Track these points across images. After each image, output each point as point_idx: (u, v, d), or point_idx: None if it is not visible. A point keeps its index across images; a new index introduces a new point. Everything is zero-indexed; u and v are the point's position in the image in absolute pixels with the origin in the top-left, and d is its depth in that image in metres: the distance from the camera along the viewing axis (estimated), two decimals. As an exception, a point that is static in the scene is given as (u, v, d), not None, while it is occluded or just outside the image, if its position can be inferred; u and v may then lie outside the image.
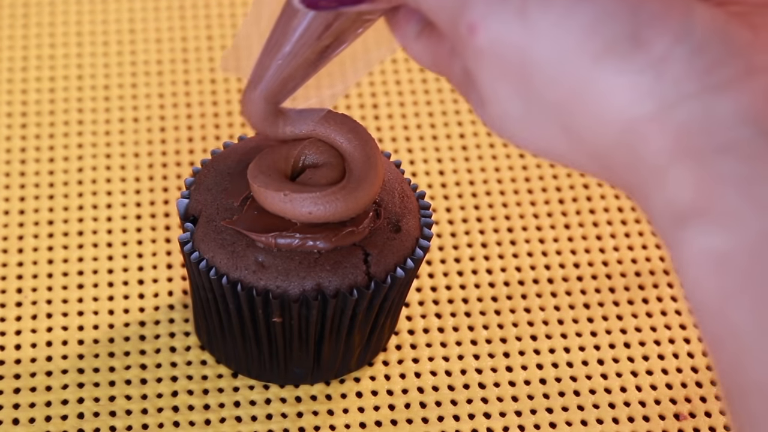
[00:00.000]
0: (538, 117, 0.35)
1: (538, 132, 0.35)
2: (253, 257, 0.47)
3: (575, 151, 0.35)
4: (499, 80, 0.35)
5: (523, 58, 0.34)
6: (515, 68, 0.34)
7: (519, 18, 0.33)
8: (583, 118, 0.33)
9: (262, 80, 0.43)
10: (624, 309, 0.56)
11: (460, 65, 0.37)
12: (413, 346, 0.55)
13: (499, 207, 0.60)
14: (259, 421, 0.52)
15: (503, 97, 0.35)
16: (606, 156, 0.34)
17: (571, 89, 0.33)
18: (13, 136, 0.62)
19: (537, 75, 0.34)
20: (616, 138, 0.33)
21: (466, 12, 0.34)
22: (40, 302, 0.55)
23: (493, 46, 0.34)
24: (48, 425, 0.51)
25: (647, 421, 0.52)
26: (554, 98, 0.34)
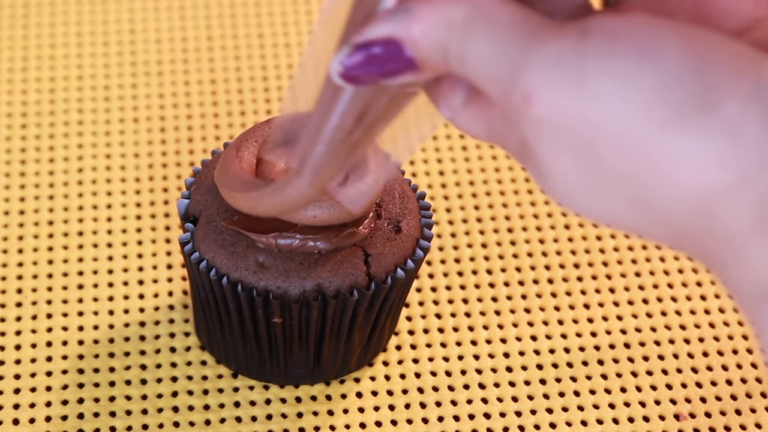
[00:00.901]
0: (603, 187, 0.32)
1: (605, 202, 0.32)
2: (254, 258, 0.47)
3: (646, 221, 0.32)
4: (559, 151, 0.32)
5: (584, 127, 0.31)
6: (576, 138, 0.31)
7: (578, 84, 0.31)
8: (653, 188, 0.31)
9: (306, 165, 0.41)
10: (624, 309, 0.56)
11: (516, 135, 0.35)
12: (413, 346, 0.55)
13: (499, 207, 0.60)
14: (259, 421, 0.52)
15: (565, 169, 0.32)
16: (680, 226, 0.31)
17: (639, 158, 0.31)
18: (13, 137, 0.62)
19: (601, 144, 0.31)
20: (691, 208, 0.31)
21: (521, 80, 0.32)
22: (40, 302, 0.55)
23: (552, 116, 0.32)
24: (48, 425, 0.51)
25: (647, 421, 0.52)
26: (621, 168, 0.31)
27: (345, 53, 0.35)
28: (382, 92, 0.37)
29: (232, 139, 0.62)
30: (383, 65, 0.35)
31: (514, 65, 0.32)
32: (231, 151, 0.48)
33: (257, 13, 0.68)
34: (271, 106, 0.64)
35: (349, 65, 0.35)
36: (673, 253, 0.58)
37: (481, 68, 0.33)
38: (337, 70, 0.35)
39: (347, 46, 0.35)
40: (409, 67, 0.34)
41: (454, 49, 0.33)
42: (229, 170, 0.47)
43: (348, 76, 0.35)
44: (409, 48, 0.34)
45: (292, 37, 0.67)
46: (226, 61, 0.66)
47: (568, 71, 0.31)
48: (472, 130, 0.37)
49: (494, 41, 0.32)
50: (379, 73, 0.35)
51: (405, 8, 0.34)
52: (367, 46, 0.35)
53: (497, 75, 0.32)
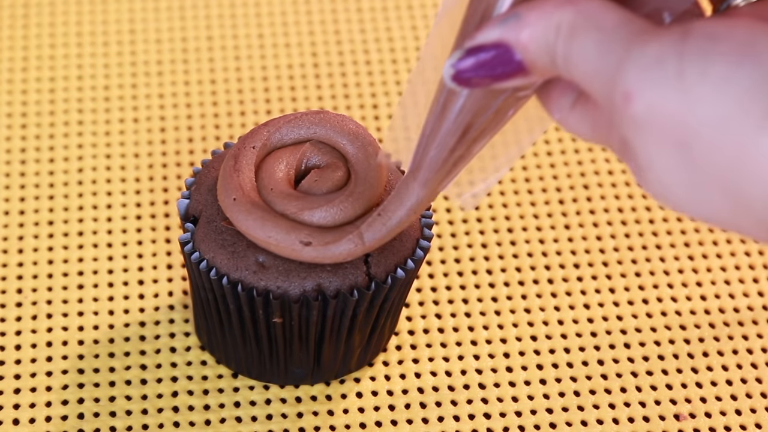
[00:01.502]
0: (700, 184, 0.33)
1: (701, 199, 0.33)
2: (254, 258, 0.47)
3: (741, 217, 0.33)
4: (657, 148, 0.33)
5: (682, 125, 0.32)
6: (674, 136, 0.33)
7: (676, 84, 0.32)
8: (749, 185, 0.32)
9: (422, 168, 0.42)
10: (624, 309, 0.56)
11: (617, 134, 0.36)
12: (413, 346, 0.55)
13: (499, 207, 0.60)
14: (259, 421, 0.52)
15: (663, 165, 0.34)
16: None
17: (736, 156, 0.32)
18: (13, 137, 0.62)
19: (698, 142, 0.32)
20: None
21: (621, 79, 0.33)
22: (41, 302, 0.55)
23: (650, 114, 0.33)
24: (48, 425, 0.51)
25: (647, 421, 0.52)
26: (717, 165, 0.32)
27: (457, 57, 0.37)
28: (493, 96, 0.38)
29: (232, 139, 0.62)
30: (494, 68, 0.36)
31: (616, 66, 0.33)
32: (229, 162, 0.48)
33: (257, 13, 0.68)
34: (271, 106, 0.64)
35: (461, 68, 0.37)
36: (672, 254, 0.58)
37: (586, 70, 0.34)
38: (449, 73, 0.37)
39: (459, 50, 0.37)
40: (518, 71, 0.36)
41: (561, 52, 0.35)
42: (235, 189, 0.48)
43: (460, 79, 0.37)
44: (519, 52, 0.36)
45: (292, 37, 0.67)
46: (226, 61, 0.66)
47: (667, 70, 0.32)
48: (579, 130, 0.38)
49: (599, 44, 0.34)
50: (490, 76, 0.36)
51: (515, 13, 0.35)
52: (479, 50, 0.36)
53: (601, 76, 0.34)
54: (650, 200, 0.60)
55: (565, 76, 0.35)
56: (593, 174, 0.61)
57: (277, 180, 0.48)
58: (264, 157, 0.49)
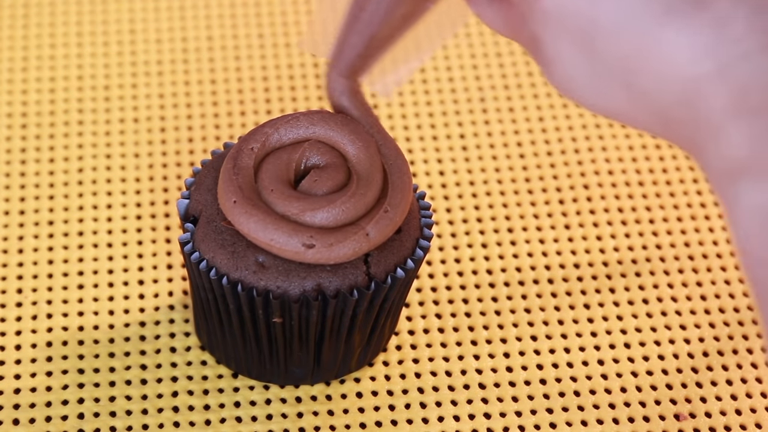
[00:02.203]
0: (601, 76, 0.35)
1: (602, 91, 0.36)
2: (254, 257, 0.47)
3: (637, 108, 0.35)
4: (563, 41, 0.36)
5: (587, 19, 0.34)
6: (579, 29, 0.35)
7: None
8: (645, 76, 0.34)
9: (341, 57, 0.44)
10: (624, 309, 0.56)
11: (528, 29, 0.38)
12: (413, 346, 0.55)
13: (499, 207, 0.60)
14: (260, 421, 0.52)
15: (568, 58, 0.36)
16: (666, 113, 0.35)
17: (634, 48, 0.34)
18: (13, 137, 0.62)
19: (601, 35, 0.34)
20: (677, 95, 0.34)
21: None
22: (41, 302, 0.55)
23: (558, 8, 0.35)
24: (48, 425, 0.51)
25: (647, 421, 0.52)
26: (617, 57, 0.34)
27: None
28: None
29: (232, 139, 0.62)
30: None
31: None
32: (228, 164, 0.48)
33: (257, 13, 0.68)
34: (271, 106, 0.64)
35: None
36: (673, 253, 0.58)
37: None
38: None
39: None
40: None
41: None
42: (235, 193, 0.48)
43: None
44: None
45: (292, 37, 0.67)
46: (227, 61, 0.66)
47: None
48: (494, 24, 0.40)
49: None
50: None
51: None
52: None
53: None
54: (650, 200, 0.60)
55: None
56: (593, 174, 0.61)
57: (277, 181, 0.48)
58: (263, 157, 0.49)
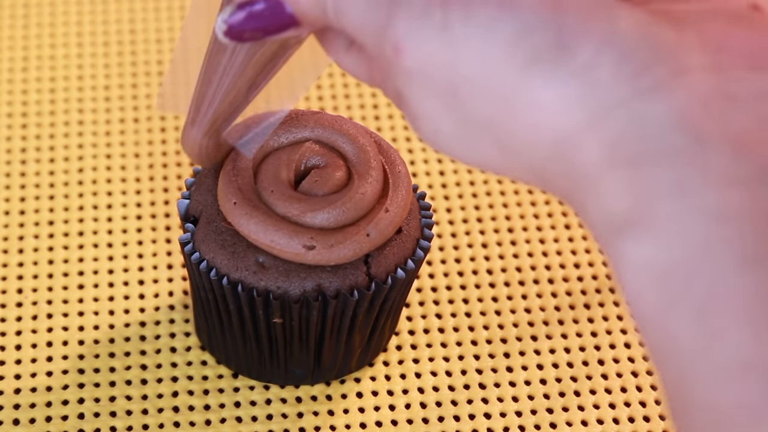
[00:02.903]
0: (470, 132, 0.34)
1: (472, 146, 0.34)
2: (254, 258, 0.47)
3: (510, 163, 0.34)
4: (428, 98, 0.34)
5: (449, 74, 0.33)
6: (443, 85, 0.34)
7: (442, 34, 0.33)
8: (514, 131, 0.33)
9: (199, 115, 0.44)
10: (624, 309, 0.56)
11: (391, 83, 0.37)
12: (414, 346, 0.55)
13: (499, 207, 0.60)
14: (260, 421, 0.52)
15: (433, 114, 0.35)
16: (541, 167, 0.33)
17: (500, 103, 0.33)
18: (13, 137, 0.62)
19: (464, 91, 0.33)
20: (550, 149, 0.32)
21: (390, 32, 0.34)
22: (41, 302, 0.55)
23: (419, 65, 0.34)
24: (48, 425, 0.51)
25: (648, 421, 0.52)
26: (484, 113, 0.33)
27: (228, 12, 0.37)
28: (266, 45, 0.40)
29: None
30: (265, 22, 0.37)
31: (384, 18, 0.34)
32: (228, 166, 0.49)
33: (257, 13, 0.68)
34: (271, 106, 0.64)
35: (233, 23, 0.38)
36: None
37: (356, 22, 0.35)
38: (221, 28, 0.38)
39: (230, 6, 0.37)
40: (289, 23, 0.37)
41: (331, 4, 0.35)
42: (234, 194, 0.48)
43: (232, 33, 0.38)
44: (290, 5, 0.37)
45: (293, 37, 0.67)
46: (227, 61, 0.66)
47: (434, 22, 0.33)
48: (355, 73, 0.39)
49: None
50: (262, 29, 0.37)
51: None
52: (249, 4, 0.37)
53: (370, 28, 0.35)
54: (650, 200, 0.60)
55: (337, 27, 0.36)
56: (593, 174, 0.61)
57: (277, 181, 0.48)
58: (263, 158, 0.49)
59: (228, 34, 0.38)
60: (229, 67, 0.41)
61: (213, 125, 0.44)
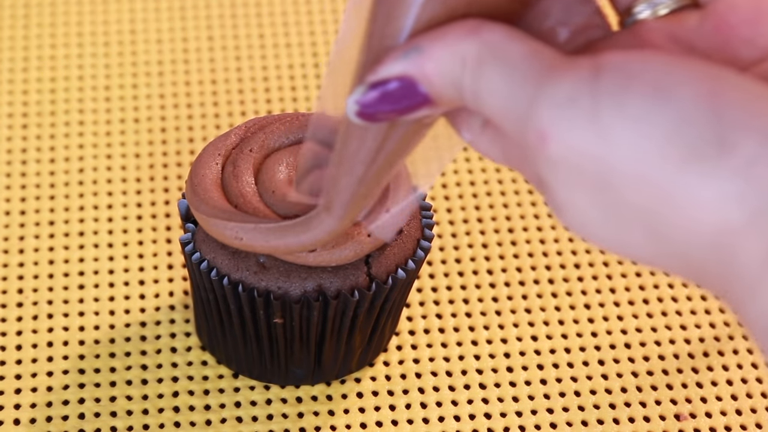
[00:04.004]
0: (621, 223, 0.32)
1: (622, 237, 0.33)
2: (255, 258, 0.48)
3: (662, 255, 0.32)
4: (575, 189, 0.32)
5: (600, 166, 0.31)
6: (592, 176, 0.32)
7: (592, 125, 0.31)
8: (670, 223, 0.31)
9: (335, 201, 0.41)
10: (625, 310, 0.56)
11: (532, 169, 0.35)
12: (414, 346, 0.55)
13: (499, 207, 0.60)
14: (260, 421, 0.52)
15: (581, 204, 0.33)
16: (696, 261, 0.32)
17: (656, 197, 0.31)
18: (14, 137, 0.62)
19: (617, 183, 0.31)
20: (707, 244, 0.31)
21: (533, 118, 0.32)
22: (41, 303, 0.55)
23: (566, 156, 0.32)
24: (49, 425, 0.51)
25: (648, 421, 0.52)
26: (637, 207, 0.31)
27: (360, 92, 0.35)
28: (400, 125, 0.37)
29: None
30: (398, 102, 0.35)
31: (527, 103, 0.32)
32: (228, 168, 0.48)
33: (258, 13, 0.68)
34: (271, 106, 0.64)
35: (365, 103, 0.35)
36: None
37: (496, 105, 0.33)
38: (353, 109, 0.35)
39: (362, 86, 0.35)
40: (424, 103, 0.34)
41: (468, 86, 0.33)
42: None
43: (364, 114, 0.35)
44: (424, 85, 0.34)
45: (293, 37, 0.67)
46: (227, 61, 0.66)
47: (582, 111, 0.31)
48: (490, 154, 0.37)
49: (507, 78, 0.32)
50: (395, 110, 0.35)
51: (416, 46, 0.34)
52: (382, 84, 0.35)
53: (511, 112, 0.33)
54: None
55: (475, 110, 0.34)
56: (594, 174, 0.61)
57: (278, 182, 0.48)
58: (263, 158, 0.49)
59: (360, 115, 0.35)
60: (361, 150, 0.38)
61: (348, 211, 0.42)
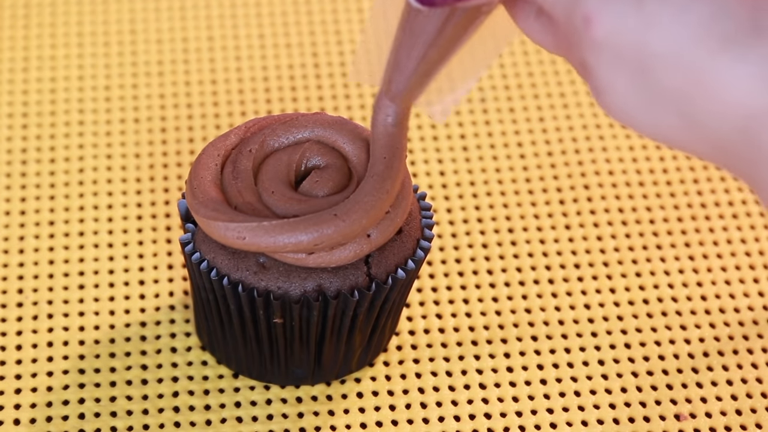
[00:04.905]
0: (656, 106, 0.35)
1: (658, 120, 0.35)
2: (255, 258, 0.47)
3: (695, 138, 0.35)
4: (616, 71, 0.35)
5: (640, 50, 0.34)
6: (632, 60, 0.34)
7: (635, 10, 0.34)
8: (703, 106, 0.34)
9: (393, 82, 0.43)
10: (625, 309, 0.56)
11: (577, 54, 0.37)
12: (414, 346, 0.55)
13: (499, 207, 0.60)
14: (260, 421, 0.52)
15: (620, 88, 0.35)
16: (727, 145, 0.34)
17: (691, 79, 0.33)
18: (14, 137, 0.62)
19: (655, 66, 0.34)
20: (737, 127, 0.33)
21: (581, 3, 0.34)
22: (41, 303, 0.55)
23: (609, 39, 0.34)
24: (49, 425, 0.51)
25: (648, 421, 0.52)
26: (673, 90, 0.34)
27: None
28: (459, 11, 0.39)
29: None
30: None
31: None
32: (228, 168, 0.48)
33: (258, 13, 0.68)
34: (271, 106, 0.64)
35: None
36: (673, 254, 0.58)
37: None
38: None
39: None
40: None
41: None
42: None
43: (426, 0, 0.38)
44: None
45: (293, 38, 0.67)
46: (227, 61, 0.66)
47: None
48: (542, 42, 0.39)
49: None
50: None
51: None
52: None
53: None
54: (651, 200, 0.60)
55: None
56: (593, 174, 0.61)
57: (277, 182, 0.48)
58: (263, 159, 0.49)
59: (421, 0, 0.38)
60: (421, 35, 0.41)
61: (405, 92, 0.44)
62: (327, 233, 0.45)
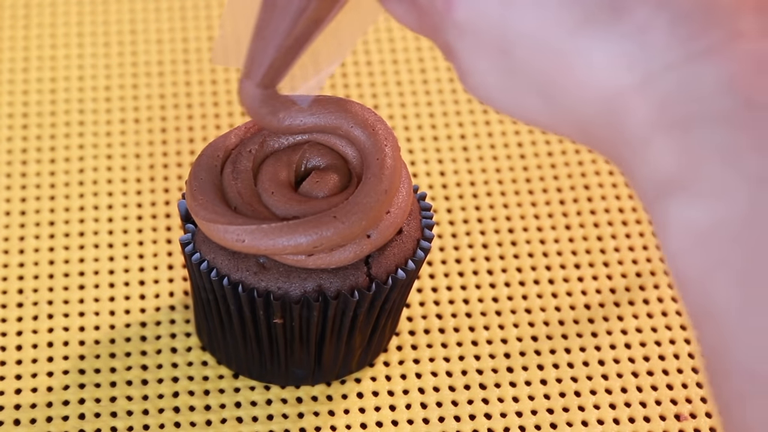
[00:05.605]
0: (519, 87, 0.34)
1: (521, 101, 0.35)
2: (254, 259, 0.47)
3: (557, 119, 0.34)
4: (477, 53, 0.34)
5: (501, 31, 0.33)
6: (493, 41, 0.34)
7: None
8: (564, 87, 0.33)
9: (254, 66, 0.43)
10: (625, 309, 0.56)
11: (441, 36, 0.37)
12: (414, 346, 0.55)
13: (499, 207, 0.60)
14: (260, 421, 0.52)
15: (483, 69, 0.35)
16: (588, 125, 0.33)
17: (552, 60, 0.33)
18: (14, 137, 0.62)
19: (516, 48, 0.33)
20: (599, 107, 0.33)
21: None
22: (41, 303, 0.55)
23: (470, 21, 0.34)
24: (49, 426, 0.51)
25: (648, 421, 0.52)
26: (534, 69, 0.33)
27: None
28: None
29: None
30: None
31: None
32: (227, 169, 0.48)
33: (258, 13, 0.68)
34: (271, 106, 0.64)
35: None
36: (673, 254, 0.58)
37: None
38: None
39: None
40: None
41: None
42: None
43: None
44: None
45: (293, 38, 0.67)
46: (227, 61, 0.66)
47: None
48: (406, 22, 0.39)
49: None
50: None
51: None
52: None
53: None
54: (651, 200, 0.60)
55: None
56: (593, 174, 0.61)
57: (277, 183, 0.48)
58: (263, 159, 0.49)
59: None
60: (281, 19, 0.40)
61: (267, 77, 0.43)
62: (326, 235, 0.45)
